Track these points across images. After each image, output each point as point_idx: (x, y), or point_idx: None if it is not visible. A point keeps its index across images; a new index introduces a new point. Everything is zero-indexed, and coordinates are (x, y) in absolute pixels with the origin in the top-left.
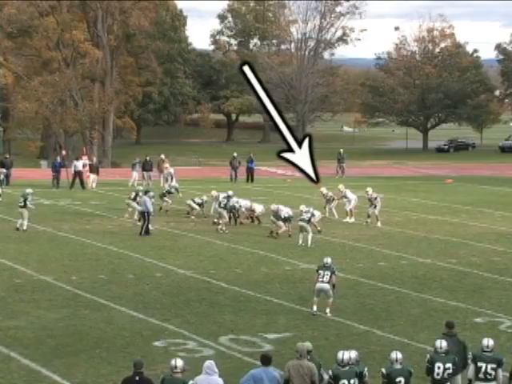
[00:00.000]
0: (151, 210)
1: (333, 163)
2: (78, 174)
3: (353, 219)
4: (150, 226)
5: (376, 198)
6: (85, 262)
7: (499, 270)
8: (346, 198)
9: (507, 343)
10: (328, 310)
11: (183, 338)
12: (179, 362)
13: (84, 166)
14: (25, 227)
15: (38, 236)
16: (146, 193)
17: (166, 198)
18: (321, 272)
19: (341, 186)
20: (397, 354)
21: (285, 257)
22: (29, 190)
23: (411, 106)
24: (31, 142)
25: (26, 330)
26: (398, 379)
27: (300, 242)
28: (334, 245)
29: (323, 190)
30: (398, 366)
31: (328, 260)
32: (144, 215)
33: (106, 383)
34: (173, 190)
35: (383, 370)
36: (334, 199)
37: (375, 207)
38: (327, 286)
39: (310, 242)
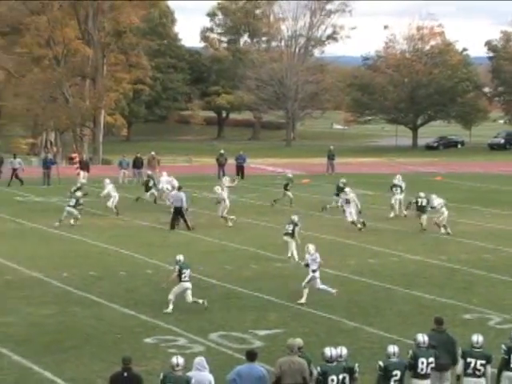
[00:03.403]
0: (185, 205)
1: (323, 160)
2: (14, 170)
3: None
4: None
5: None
6: (75, 258)
7: (488, 267)
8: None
9: (496, 340)
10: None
11: (174, 334)
12: (180, 360)
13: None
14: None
15: (28, 233)
16: (179, 189)
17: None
18: (184, 271)
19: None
20: (394, 348)
21: (274, 253)
22: (79, 194)
23: (401, 104)
24: (22, 138)
25: (17, 326)
26: (394, 372)
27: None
28: (324, 241)
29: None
30: (395, 360)
31: (181, 257)
32: (178, 211)
33: (96, 379)
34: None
35: (380, 363)
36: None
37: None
38: (190, 285)
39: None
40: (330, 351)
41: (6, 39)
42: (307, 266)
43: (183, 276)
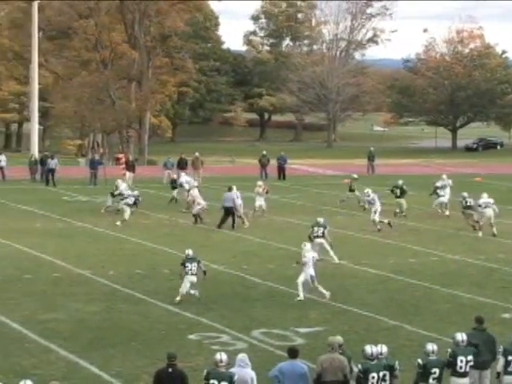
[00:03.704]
0: (238, 204)
1: (363, 161)
2: (49, 171)
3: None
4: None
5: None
6: (122, 257)
7: None
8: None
9: None
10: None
11: (217, 331)
12: (224, 356)
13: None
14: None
15: (76, 232)
16: (229, 189)
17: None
18: (188, 265)
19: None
20: (432, 346)
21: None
22: (136, 192)
23: (440, 106)
24: (70, 140)
25: (65, 322)
26: (433, 370)
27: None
28: (365, 241)
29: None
30: (433, 358)
31: (190, 252)
32: (229, 211)
33: (142, 375)
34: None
35: (419, 361)
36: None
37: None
38: (195, 279)
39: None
40: (370, 349)
41: (54, 43)
42: (300, 263)
43: (187, 269)
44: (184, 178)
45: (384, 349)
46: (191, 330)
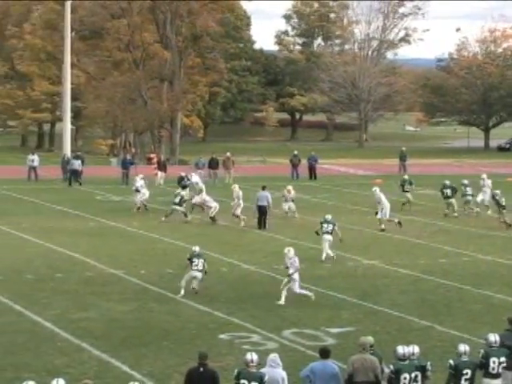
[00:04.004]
0: (271, 204)
1: (395, 161)
2: (73, 172)
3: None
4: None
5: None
6: (153, 256)
7: None
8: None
9: None
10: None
11: (248, 331)
12: (255, 356)
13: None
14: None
15: (108, 231)
16: (263, 188)
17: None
18: (195, 260)
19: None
20: (465, 347)
21: (347, 253)
22: (183, 192)
23: (473, 106)
24: (102, 140)
25: (97, 321)
26: (464, 371)
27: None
28: (396, 241)
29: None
30: (465, 359)
31: (196, 248)
32: (264, 210)
33: (173, 374)
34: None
35: (451, 362)
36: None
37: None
38: (200, 275)
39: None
40: (402, 349)
41: (87, 43)
42: (287, 268)
43: (193, 265)
44: (195, 178)
45: (416, 349)
46: (222, 329)
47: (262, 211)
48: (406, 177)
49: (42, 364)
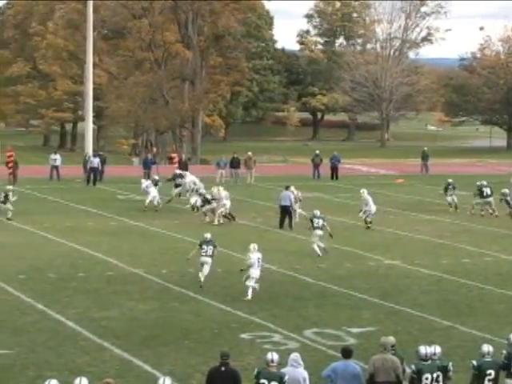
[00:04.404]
0: (293, 204)
1: (417, 161)
2: (92, 170)
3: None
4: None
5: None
6: (174, 255)
7: None
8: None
9: None
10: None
11: (269, 330)
12: (275, 356)
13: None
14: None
15: (130, 230)
16: (287, 188)
17: None
18: (204, 247)
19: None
20: (488, 347)
21: (368, 253)
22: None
23: (495, 105)
24: (124, 139)
25: (118, 320)
26: (488, 371)
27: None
28: (418, 241)
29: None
30: (489, 359)
31: (208, 235)
32: (286, 209)
33: (194, 373)
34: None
35: (474, 362)
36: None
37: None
38: (209, 260)
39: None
40: (424, 349)
41: (109, 43)
42: (245, 267)
43: (203, 251)
44: (189, 177)
45: (438, 349)
46: (243, 329)
47: (285, 211)
48: (450, 180)
49: (64, 363)
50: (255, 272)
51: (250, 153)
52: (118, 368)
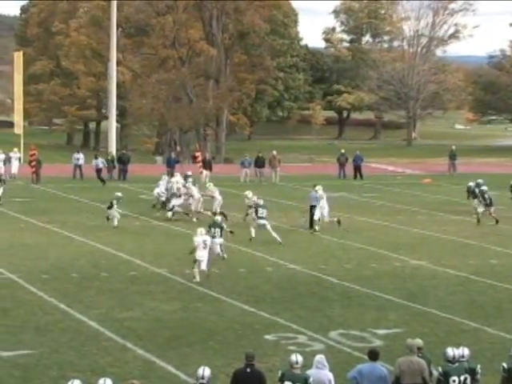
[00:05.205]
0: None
1: (444, 160)
2: (97, 171)
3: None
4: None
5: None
6: None
7: None
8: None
9: None
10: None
11: (293, 331)
12: (299, 358)
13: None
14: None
15: (153, 230)
16: (315, 186)
17: None
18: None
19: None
20: None
21: (394, 253)
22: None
23: None
24: (147, 138)
25: (141, 321)
26: None
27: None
28: (445, 241)
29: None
30: None
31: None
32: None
33: (219, 375)
34: None
35: (504, 365)
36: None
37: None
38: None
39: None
40: (452, 351)
41: (132, 40)
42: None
43: (211, 233)
44: (176, 178)
45: (466, 351)
46: (267, 330)
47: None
48: (471, 183)
49: (87, 363)
50: (199, 254)
51: (274, 152)
52: (141, 369)
